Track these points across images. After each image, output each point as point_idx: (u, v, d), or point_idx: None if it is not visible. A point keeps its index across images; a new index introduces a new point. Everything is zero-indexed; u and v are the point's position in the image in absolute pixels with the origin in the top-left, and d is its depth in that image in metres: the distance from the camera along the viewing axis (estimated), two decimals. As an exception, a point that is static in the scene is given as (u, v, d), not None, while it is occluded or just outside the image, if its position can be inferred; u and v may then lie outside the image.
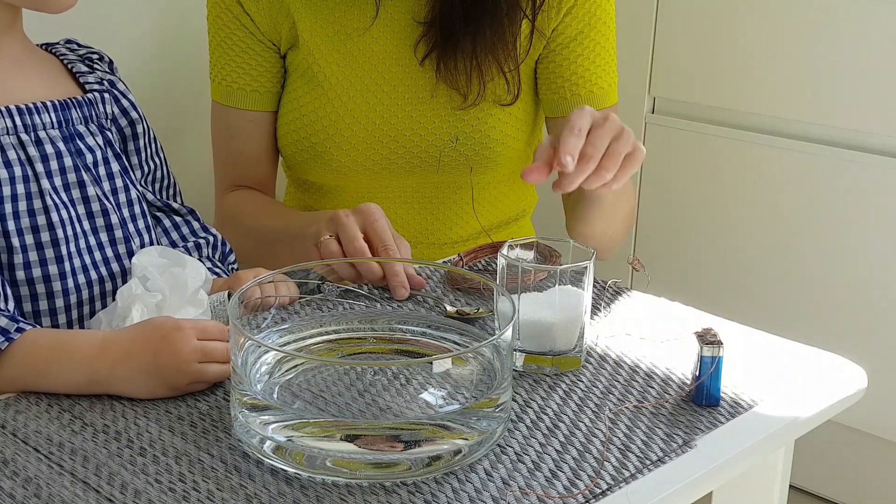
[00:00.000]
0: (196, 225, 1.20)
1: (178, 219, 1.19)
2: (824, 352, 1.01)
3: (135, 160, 1.17)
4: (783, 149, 1.85)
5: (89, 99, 1.12)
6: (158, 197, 1.19)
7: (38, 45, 1.16)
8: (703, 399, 0.90)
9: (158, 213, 1.18)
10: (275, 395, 0.85)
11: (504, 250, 0.97)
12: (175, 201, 1.21)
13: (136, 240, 1.12)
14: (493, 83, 1.33)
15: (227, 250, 1.22)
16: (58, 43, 1.18)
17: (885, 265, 1.77)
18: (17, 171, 1.04)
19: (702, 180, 1.96)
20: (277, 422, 0.81)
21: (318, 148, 1.36)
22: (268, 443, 0.80)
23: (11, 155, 1.04)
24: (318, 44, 1.34)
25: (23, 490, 0.77)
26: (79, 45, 1.19)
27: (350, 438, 0.80)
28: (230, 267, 1.21)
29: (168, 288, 1.04)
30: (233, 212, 1.43)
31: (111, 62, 1.20)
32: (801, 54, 1.81)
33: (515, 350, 0.95)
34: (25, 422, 0.86)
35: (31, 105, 1.07)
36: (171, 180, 1.22)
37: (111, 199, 1.11)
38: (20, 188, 1.04)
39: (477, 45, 1.29)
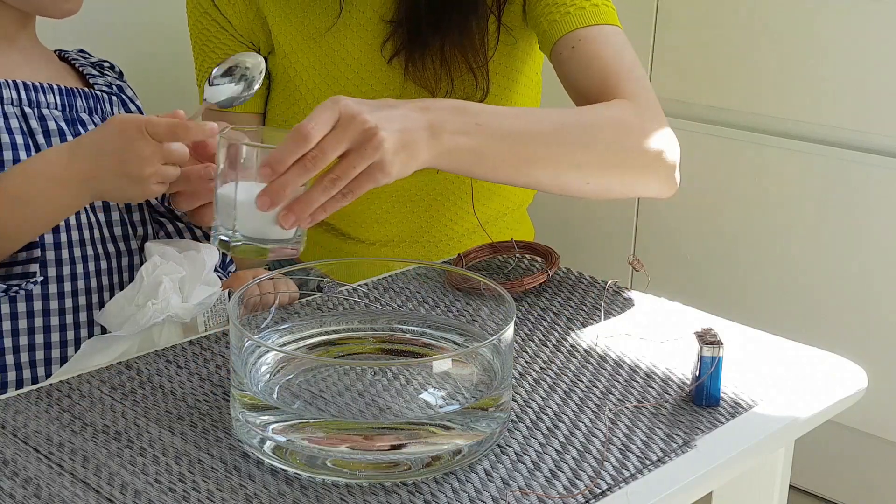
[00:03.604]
0: (199, 232, 1.21)
1: (181, 225, 1.20)
2: (824, 352, 1.01)
3: None
4: (783, 149, 1.85)
5: (95, 94, 1.14)
6: (162, 203, 1.20)
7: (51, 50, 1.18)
8: (703, 399, 0.90)
9: (161, 219, 1.19)
10: (275, 395, 0.85)
11: (226, 130, 0.96)
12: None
13: (130, 228, 1.13)
14: (461, 79, 1.31)
15: (228, 260, 1.23)
16: (70, 51, 1.20)
17: (885, 265, 1.77)
18: (20, 139, 1.06)
19: (702, 180, 1.96)
20: (277, 422, 0.81)
21: None
22: (268, 443, 0.80)
23: (14, 124, 1.06)
24: (294, 48, 1.33)
25: (23, 490, 0.77)
26: (90, 55, 1.21)
27: (337, 437, 0.80)
28: (230, 274, 1.22)
29: (189, 263, 1.05)
30: None
31: (121, 73, 1.21)
32: (801, 54, 1.81)
33: (230, 240, 0.95)
34: (25, 422, 0.86)
35: (38, 84, 1.08)
36: None
37: None
38: (22, 154, 1.05)
39: (445, 43, 1.28)
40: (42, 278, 1.01)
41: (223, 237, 0.95)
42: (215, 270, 1.17)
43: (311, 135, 0.90)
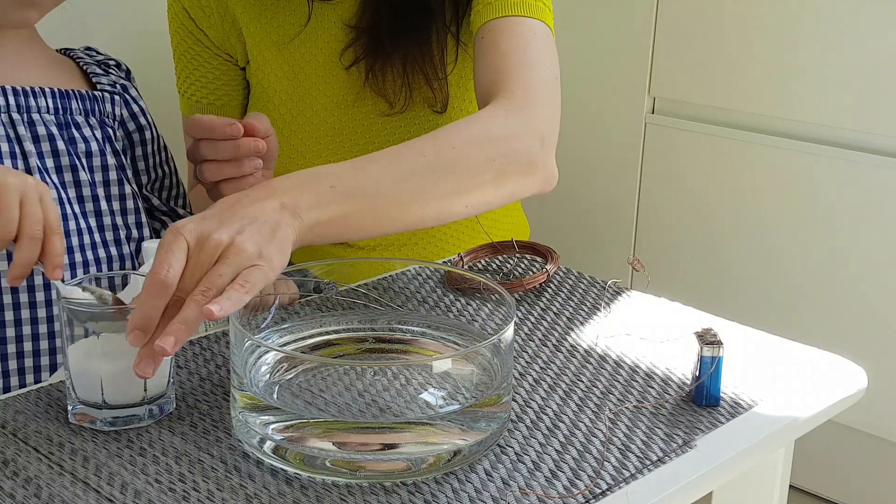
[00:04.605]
0: None
1: None
2: (824, 352, 1.01)
3: (142, 165, 1.17)
4: (783, 149, 1.85)
5: (94, 95, 1.13)
6: (165, 203, 1.19)
7: (57, 49, 1.17)
8: (703, 399, 0.90)
9: (164, 217, 1.19)
10: (275, 395, 0.85)
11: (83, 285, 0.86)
12: (182, 209, 1.22)
13: (123, 232, 1.12)
14: (420, 91, 1.31)
15: None
16: (77, 49, 1.19)
17: (885, 265, 1.77)
18: (5, 146, 1.04)
19: (701, 180, 1.96)
20: (277, 422, 0.81)
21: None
22: (268, 443, 0.80)
23: None
24: (265, 55, 1.33)
25: (23, 490, 0.77)
26: (98, 52, 1.20)
27: (335, 438, 0.80)
28: None
29: None
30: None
31: (129, 71, 1.21)
32: (800, 54, 1.81)
33: (99, 413, 0.85)
34: (25, 422, 0.86)
35: (28, 88, 1.07)
36: (181, 190, 1.23)
37: (103, 189, 1.11)
38: (7, 163, 1.04)
39: (406, 56, 1.27)
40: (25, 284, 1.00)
41: (92, 414, 0.85)
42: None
43: (168, 280, 0.81)
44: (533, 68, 1.15)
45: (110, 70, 1.18)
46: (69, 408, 0.87)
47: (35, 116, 1.07)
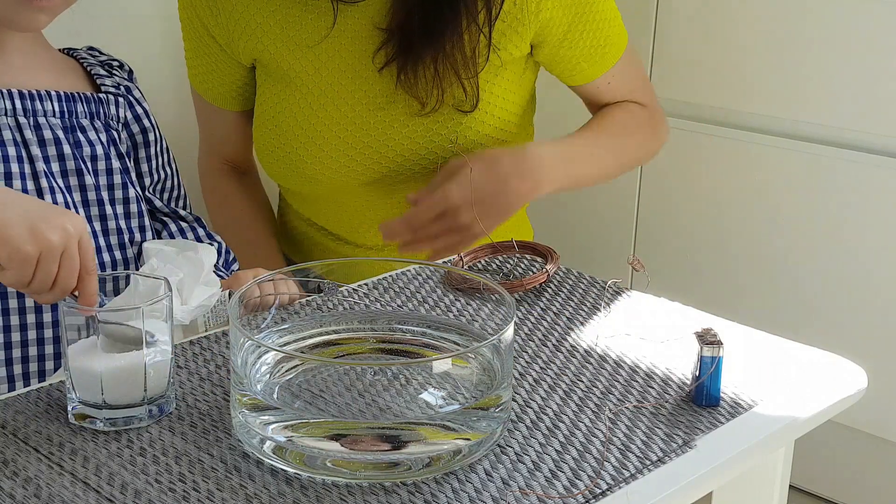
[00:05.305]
0: (201, 232, 1.20)
1: (184, 224, 1.19)
2: (824, 352, 1.01)
3: (145, 167, 1.17)
4: (783, 149, 1.85)
5: (99, 97, 1.13)
6: (166, 204, 1.19)
7: (60, 49, 1.17)
8: (703, 399, 0.90)
9: (165, 218, 1.18)
10: (275, 395, 0.85)
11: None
12: (184, 210, 1.22)
13: (127, 235, 1.12)
14: (451, 90, 1.31)
15: (231, 259, 1.23)
16: (80, 49, 1.19)
17: (885, 265, 1.77)
18: (12, 150, 1.04)
19: (702, 180, 1.96)
20: (277, 422, 0.81)
21: (291, 157, 1.36)
22: (268, 443, 0.80)
23: (7, 135, 1.05)
24: (285, 55, 1.33)
25: (23, 490, 0.77)
26: (101, 52, 1.20)
27: (335, 437, 0.80)
28: (231, 273, 1.22)
29: (187, 265, 1.04)
30: (221, 193, 1.48)
31: (131, 71, 1.21)
32: (801, 54, 1.81)
33: (98, 413, 0.86)
34: (25, 422, 0.86)
35: (34, 91, 1.07)
36: (182, 191, 1.23)
37: (107, 193, 1.11)
38: (14, 167, 1.04)
39: (438, 56, 1.27)
40: None
41: (92, 414, 0.86)
42: (216, 270, 1.17)
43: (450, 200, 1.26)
44: (648, 83, 1.52)
45: (114, 71, 1.18)
46: (69, 408, 0.87)
47: (41, 120, 1.07)
